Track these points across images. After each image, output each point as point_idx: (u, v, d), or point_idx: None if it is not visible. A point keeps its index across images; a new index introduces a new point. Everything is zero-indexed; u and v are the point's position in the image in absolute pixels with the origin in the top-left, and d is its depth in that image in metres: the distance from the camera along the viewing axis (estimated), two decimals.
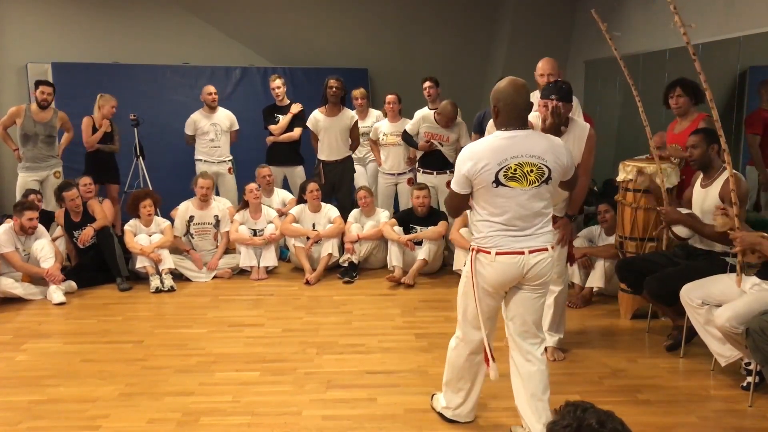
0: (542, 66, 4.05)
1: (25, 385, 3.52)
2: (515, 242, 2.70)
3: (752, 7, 4.82)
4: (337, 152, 6.12)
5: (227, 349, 4.02)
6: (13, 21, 7.55)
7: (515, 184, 2.65)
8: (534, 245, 2.71)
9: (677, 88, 4.34)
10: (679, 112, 4.39)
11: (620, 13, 6.62)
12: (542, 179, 2.68)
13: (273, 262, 5.70)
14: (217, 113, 6.52)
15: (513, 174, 2.64)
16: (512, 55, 7.51)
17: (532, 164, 2.66)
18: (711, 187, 3.72)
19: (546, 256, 2.73)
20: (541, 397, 2.77)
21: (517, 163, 2.64)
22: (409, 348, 4.03)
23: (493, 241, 2.71)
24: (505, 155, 2.64)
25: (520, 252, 2.69)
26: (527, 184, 2.66)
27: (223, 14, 7.94)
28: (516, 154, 2.65)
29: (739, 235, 3.16)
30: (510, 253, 2.70)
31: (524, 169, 2.65)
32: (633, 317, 4.50)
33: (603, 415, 1.36)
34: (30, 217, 5.09)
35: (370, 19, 8.16)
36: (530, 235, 2.71)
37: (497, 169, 2.64)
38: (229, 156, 6.60)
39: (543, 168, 2.67)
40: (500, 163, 2.64)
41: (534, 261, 2.71)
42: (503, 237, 2.70)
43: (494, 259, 2.71)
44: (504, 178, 2.64)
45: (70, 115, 6.47)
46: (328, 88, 6.00)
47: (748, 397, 3.27)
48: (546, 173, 2.68)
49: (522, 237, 2.70)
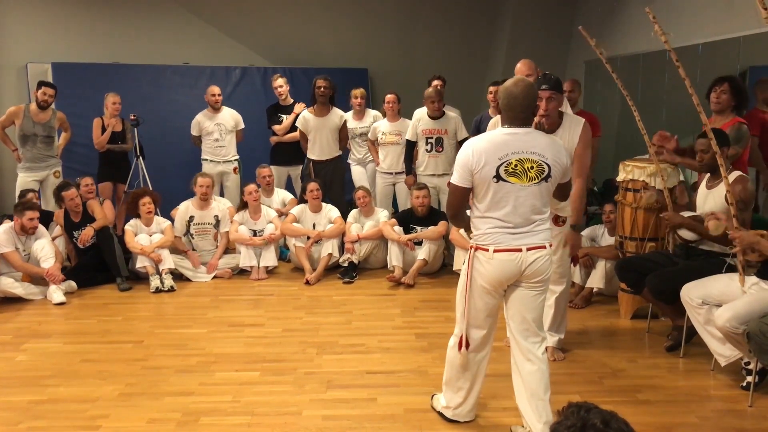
0: (520, 68, 4.07)
1: (25, 385, 3.52)
2: (513, 239, 2.70)
3: (752, 7, 4.79)
4: (327, 152, 6.16)
5: (227, 349, 4.02)
6: (13, 21, 7.55)
7: (515, 179, 2.67)
8: (532, 242, 2.71)
9: (725, 84, 4.18)
10: (718, 109, 4.24)
11: (620, 13, 6.63)
12: (542, 176, 2.69)
13: (273, 262, 5.70)
14: (222, 113, 6.52)
15: (513, 170, 2.66)
16: (512, 56, 7.49)
17: (533, 161, 2.67)
18: (716, 189, 3.70)
19: (544, 254, 2.74)
20: (542, 397, 2.77)
21: (517, 159, 2.66)
22: (409, 348, 4.03)
23: (491, 239, 2.72)
24: (507, 150, 2.66)
25: (518, 249, 2.70)
26: (527, 181, 2.67)
27: (223, 14, 7.95)
28: (517, 150, 2.66)
29: (738, 235, 3.17)
30: (508, 251, 2.70)
31: (525, 166, 2.66)
32: (633, 317, 4.50)
33: (607, 415, 1.36)
34: (31, 217, 5.08)
35: (370, 19, 8.16)
36: (528, 232, 2.72)
37: (498, 163, 2.65)
38: (235, 156, 6.61)
39: (543, 165, 2.68)
40: (501, 158, 2.65)
41: (532, 258, 2.71)
42: (501, 234, 2.71)
43: (492, 257, 2.72)
44: (505, 173, 2.66)
45: (71, 115, 6.48)
46: (316, 87, 6.05)
47: (748, 397, 3.27)
48: (546, 170, 2.69)
49: (520, 234, 2.71)
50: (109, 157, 6.38)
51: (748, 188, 3.59)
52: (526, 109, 2.73)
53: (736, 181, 3.58)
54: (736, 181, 3.57)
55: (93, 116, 6.36)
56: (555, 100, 3.42)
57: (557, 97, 3.43)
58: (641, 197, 4.22)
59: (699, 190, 3.89)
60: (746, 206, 3.57)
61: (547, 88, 3.38)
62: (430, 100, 5.71)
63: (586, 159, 3.52)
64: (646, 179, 4.27)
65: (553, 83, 3.41)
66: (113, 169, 6.41)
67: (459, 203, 2.81)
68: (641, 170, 4.31)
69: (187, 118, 6.66)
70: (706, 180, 3.86)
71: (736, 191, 3.50)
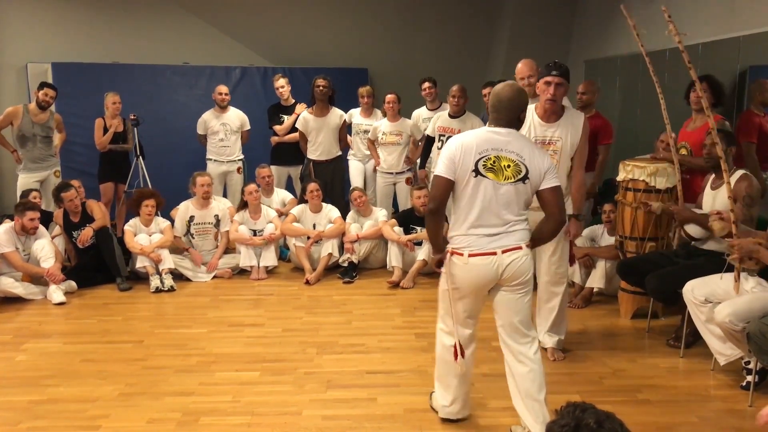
0: (521, 69, 4.09)
1: (25, 385, 3.52)
2: (488, 243, 2.72)
3: (752, 7, 4.82)
4: (327, 152, 6.16)
5: (227, 349, 4.02)
6: (13, 21, 7.56)
7: (492, 175, 2.71)
8: (506, 244, 2.72)
9: (704, 83, 4.18)
10: (698, 108, 4.28)
11: (620, 13, 6.62)
12: (519, 176, 2.72)
13: (273, 262, 5.70)
14: (228, 113, 6.52)
15: (492, 165, 2.71)
16: (512, 55, 7.50)
17: (510, 159, 2.72)
18: (721, 189, 3.69)
19: (521, 255, 2.74)
20: (537, 397, 2.77)
21: (496, 155, 2.72)
22: (409, 348, 4.03)
23: (466, 242, 2.75)
24: (487, 146, 2.73)
25: (493, 253, 2.71)
26: (503, 179, 2.71)
27: (223, 14, 7.95)
28: (497, 147, 2.74)
29: (737, 243, 3.17)
30: (483, 254, 2.72)
31: (502, 163, 2.72)
32: (633, 317, 4.50)
33: (602, 415, 1.36)
34: (32, 218, 5.08)
35: (370, 19, 8.17)
36: (503, 233, 2.73)
37: (478, 158, 2.71)
38: (240, 156, 6.61)
39: (520, 165, 2.72)
40: (481, 152, 2.72)
41: (508, 260, 2.72)
42: (477, 237, 2.73)
43: (467, 261, 2.73)
44: (483, 168, 2.70)
45: (71, 115, 6.48)
46: (315, 87, 6.05)
47: (748, 396, 3.27)
48: (523, 171, 2.72)
49: (494, 236, 2.72)
50: (110, 158, 6.38)
51: (754, 184, 3.58)
52: (511, 112, 2.79)
53: (741, 179, 3.57)
54: (740, 179, 3.57)
55: (93, 116, 6.36)
56: (563, 87, 3.51)
57: (565, 85, 3.52)
58: (653, 206, 4.18)
59: (704, 191, 3.88)
60: (753, 201, 3.55)
61: (557, 74, 3.48)
62: (451, 95, 5.63)
63: (585, 152, 3.66)
64: (647, 179, 4.27)
65: (562, 71, 3.50)
66: (114, 169, 6.42)
67: (441, 195, 2.80)
68: (641, 170, 4.31)
69: (187, 118, 6.66)
70: (710, 181, 3.86)
71: (742, 188, 3.49)
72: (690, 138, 4.37)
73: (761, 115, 4.55)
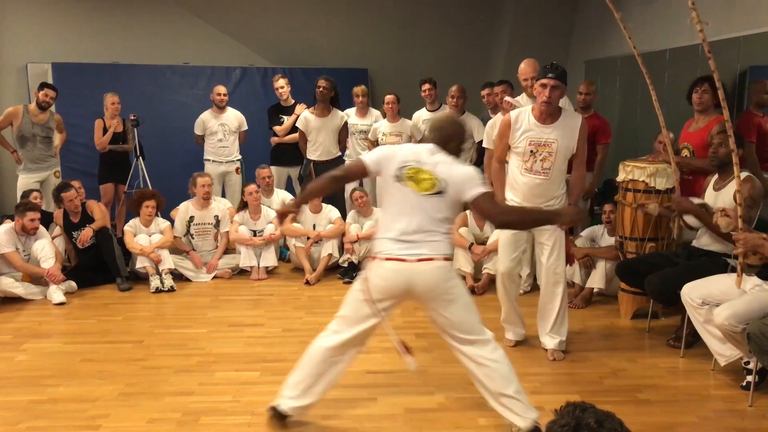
0: (524, 69, 4.08)
1: (25, 385, 3.52)
2: (401, 249, 2.75)
3: (752, 7, 4.82)
4: (327, 153, 6.16)
5: (227, 349, 4.02)
6: (13, 21, 7.55)
7: (411, 184, 2.79)
8: (420, 253, 2.74)
9: (705, 84, 4.22)
10: (701, 109, 4.29)
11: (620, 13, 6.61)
12: (434, 190, 2.77)
13: (273, 262, 5.70)
14: (226, 113, 6.52)
15: (411, 175, 2.80)
16: (512, 56, 7.50)
17: (428, 172, 2.79)
18: (725, 189, 3.69)
19: (434, 267, 2.74)
20: (505, 392, 2.77)
21: (417, 167, 2.81)
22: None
23: (383, 245, 2.81)
24: (411, 157, 2.84)
25: (403, 259, 2.73)
26: (420, 190, 2.78)
27: (223, 14, 7.95)
28: (419, 160, 2.83)
29: (742, 237, 3.16)
30: (395, 260, 2.75)
31: (420, 175, 2.79)
32: (633, 317, 4.50)
33: (602, 415, 1.36)
34: (32, 218, 5.09)
35: (370, 19, 8.16)
36: (418, 242, 2.75)
37: (401, 164, 2.82)
38: (237, 156, 6.61)
39: (435, 181, 2.78)
40: (405, 161, 2.83)
41: (419, 269, 2.72)
42: (393, 242, 2.77)
43: (381, 265, 2.78)
44: (404, 175, 2.80)
45: (71, 115, 6.47)
46: (316, 87, 6.05)
47: (748, 396, 3.27)
48: (438, 185, 2.78)
49: (409, 245, 2.75)
50: (110, 158, 6.38)
51: (757, 186, 3.58)
52: (440, 139, 2.89)
53: (745, 180, 3.57)
54: (744, 180, 3.57)
55: (93, 116, 6.36)
56: (559, 89, 3.51)
57: (561, 87, 3.52)
58: (649, 206, 4.18)
59: (706, 192, 3.88)
60: (755, 203, 3.56)
61: (552, 77, 3.49)
62: (450, 95, 5.65)
63: (585, 152, 3.75)
64: (646, 180, 4.27)
65: (559, 73, 3.51)
66: (115, 169, 6.42)
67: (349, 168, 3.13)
68: (641, 170, 4.31)
69: (187, 118, 6.65)
70: (713, 182, 3.85)
71: (745, 190, 3.50)
72: (693, 139, 4.36)
73: (760, 115, 4.56)
